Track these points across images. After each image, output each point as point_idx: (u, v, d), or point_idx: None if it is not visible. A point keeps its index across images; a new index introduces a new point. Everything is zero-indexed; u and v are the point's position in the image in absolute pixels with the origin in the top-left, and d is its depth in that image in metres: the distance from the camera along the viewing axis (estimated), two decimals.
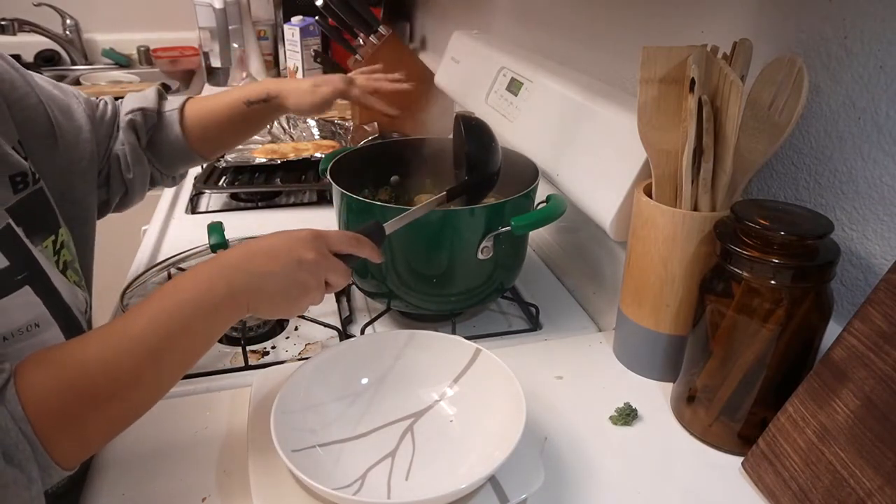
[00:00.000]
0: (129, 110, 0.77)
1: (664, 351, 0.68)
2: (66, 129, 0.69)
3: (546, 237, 1.03)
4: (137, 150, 0.77)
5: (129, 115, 0.76)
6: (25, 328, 0.54)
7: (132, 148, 0.76)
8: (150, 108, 0.78)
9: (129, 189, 0.78)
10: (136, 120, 0.76)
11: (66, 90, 0.73)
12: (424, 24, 1.95)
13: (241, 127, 0.85)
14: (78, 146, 0.70)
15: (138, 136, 0.77)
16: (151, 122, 0.78)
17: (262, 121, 0.88)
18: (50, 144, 0.67)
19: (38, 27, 2.10)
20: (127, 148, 0.76)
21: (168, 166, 0.82)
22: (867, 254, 0.58)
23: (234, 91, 0.82)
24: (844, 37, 0.57)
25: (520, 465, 0.53)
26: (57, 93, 0.70)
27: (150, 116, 0.78)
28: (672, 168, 0.63)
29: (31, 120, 0.65)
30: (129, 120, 0.76)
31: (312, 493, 0.51)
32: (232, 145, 0.91)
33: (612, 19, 0.94)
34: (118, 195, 0.78)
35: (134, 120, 0.76)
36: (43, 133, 0.66)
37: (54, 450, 0.43)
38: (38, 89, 0.67)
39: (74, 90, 0.74)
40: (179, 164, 0.84)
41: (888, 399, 0.47)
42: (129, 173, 0.77)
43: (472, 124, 0.72)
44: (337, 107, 1.64)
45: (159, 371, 0.47)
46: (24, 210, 0.58)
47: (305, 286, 0.53)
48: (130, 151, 0.76)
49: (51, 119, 0.67)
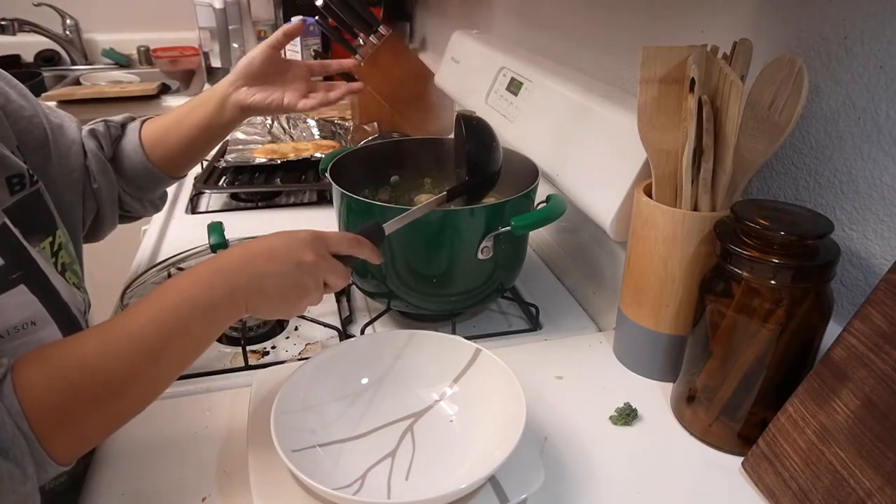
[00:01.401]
0: (92, 122, 0.77)
1: (664, 351, 0.68)
2: (60, 142, 0.70)
3: (546, 237, 1.03)
4: (100, 157, 0.75)
5: (91, 126, 0.77)
6: (21, 326, 0.54)
7: (94, 156, 0.74)
8: (113, 121, 0.79)
9: (99, 205, 0.76)
10: (97, 129, 0.76)
11: (57, 112, 0.73)
12: (424, 24, 1.95)
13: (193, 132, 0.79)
14: (70, 158, 0.71)
15: (100, 143, 0.76)
16: (115, 132, 0.78)
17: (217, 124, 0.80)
18: (45, 155, 0.68)
19: (38, 27, 2.11)
20: (91, 157, 0.74)
21: (132, 183, 0.80)
22: (867, 254, 0.58)
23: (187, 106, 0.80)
24: (844, 37, 0.57)
25: (520, 465, 0.53)
26: (50, 112, 0.71)
27: (114, 128, 0.78)
28: (672, 168, 0.63)
29: (26, 132, 0.65)
30: (89, 129, 0.76)
31: (312, 493, 0.51)
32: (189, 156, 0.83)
33: (612, 19, 0.94)
34: (91, 214, 0.76)
35: (95, 129, 0.76)
36: (38, 144, 0.67)
37: (50, 446, 0.43)
38: (33, 102, 0.68)
39: (67, 114, 0.75)
40: (142, 181, 0.80)
41: (888, 399, 0.47)
42: (95, 183, 0.75)
43: (472, 124, 0.72)
44: (337, 107, 1.64)
45: (157, 370, 0.47)
46: (22, 211, 0.58)
47: (304, 287, 0.53)
48: (94, 160, 0.74)
49: (46, 132, 0.68)
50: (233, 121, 0.80)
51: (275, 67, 0.80)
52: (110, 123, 0.78)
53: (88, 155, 0.74)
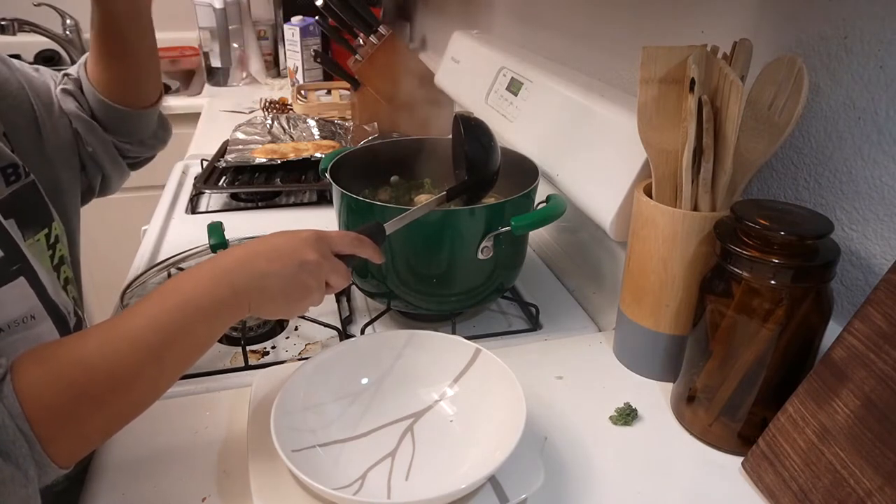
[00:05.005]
0: (60, 81, 0.72)
1: (664, 351, 0.68)
2: (47, 116, 0.67)
3: (546, 237, 1.03)
4: (83, 117, 0.71)
5: (62, 85, 0.72)
6: (21, 320, 0.53)
7: (76, 117, 0.70)
8: (72, 74, 0.74)
9: (101, 166, 0.73)
10: (68, 88, 0.72)
11: (42, 71, 0.70)
12: (424, 24, 1.95)
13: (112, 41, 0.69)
14: (59, 133, 0.68)
15: (79, 103, 0.71)
16: (78, 85, 0.73)
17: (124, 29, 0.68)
18: (34, 134, 0.65)
19: (38, 27, 2.10)
20: (74, 119, 0.70)
21: (113, 130, 0.74)
22: (867, 254, 0.58)
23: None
24: (844, 37, 0.57)
25: (520, 465, 0.53)
26: (35, 75, 0.68)
27: (77, 81, 0.73)
28: (672, 168, 0.63)
29: (13, 108, 0.63)
30: (62, 89, 0.72)
31: (312, 494, 0.51)
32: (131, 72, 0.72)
33: (612, 19, 0.94)
34: (97, 177, 0.74)
35: (67, 88, 0.72)
36: (26, 123, 0.64)
37: (51, 448, 0.43)
38: (18, 73, 0.65)
39: (51, 71, 0.71)
40: (119, 123, 0.73)
41: (888, 399, 0.47)
42: (89, 146, 0.72)
43: (471, 124, 0.73)
44: (337, 107, 1.64)
45: (159, 370, 0.47)
46: (17, 203, 0.57)
47: (307, 287, 0.53)
48: (77, 121, 0.70)
49: (34, 107, 0.65)
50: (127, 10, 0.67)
51: None
52: (73, 77, 0.72)
53: (71, 118, 0.70)
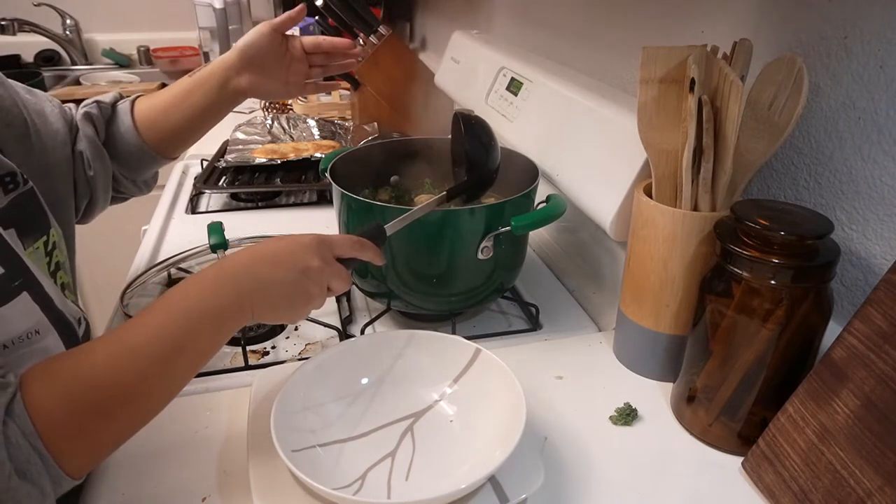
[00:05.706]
0: (85, 104, 0.76)
1: (664, 351, 0.68)
2: (43, 132, 0.68)
3: (546, 237, 1.03)
4: (96, 142, 0.74)
5: (86, 108, 0.75)
6: (26, 335, 0.53)
7: (90, 141, 0.74)
8: (104, 101, 0.77)
9: (93, 191, 0.75)
10: (91, 112, 0.75)
11: (37, 94, 0.72)
12: (424, 24, 1.95)
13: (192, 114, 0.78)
14: (56, 150, 0.69)
15: (96, 128, 0.75)
16: (107, 114, 0.77)
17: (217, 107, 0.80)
18: (27, 147, 0.66)
19: (38, 27, 2.11)
20: (86, 143, 0.73)
21: (126, 165, 0.79)
22: (867, 254, 0.58)
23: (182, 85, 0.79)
24: (844, 37, 0.57)
25: (520, 465, 0.53)
26: (29, 97, 0.69)
27: (105, 109, 0.76)
28: (672, 168, 0.63)
29: (5, 122, 0.63)
30: (84, 112, 0.74)
31: (312, 493, 0.51)
32: (186, 138, 0.82)
33: (612, 19, 0.94)
34: (84, 200, 0.75)
35: (90, 112, 0.75)
36: (19, 135, 0.65)
37: (64, 461, 0.43)
38: (11, 90, 0.66)
39: (46, 95, 0.73)
40: (136, 163, 0.79)
41: (888, 399, 0.47)
42: (91, 170, 0.74)
43: (471, 122, 0.73)
44: (337, 107, 1.64)
45: (167, 379, 0.48)
46: (16, 211, 0.57)
47: (309, 294, 0.53)
48: (89, 146, 0.73)
49: (26, 121, 0.66)
50: (233, 103, 0.81)
51: (275, 50, 0.81)
52: (102, 104, 0.76)
53: (84, 140, 0.73)
